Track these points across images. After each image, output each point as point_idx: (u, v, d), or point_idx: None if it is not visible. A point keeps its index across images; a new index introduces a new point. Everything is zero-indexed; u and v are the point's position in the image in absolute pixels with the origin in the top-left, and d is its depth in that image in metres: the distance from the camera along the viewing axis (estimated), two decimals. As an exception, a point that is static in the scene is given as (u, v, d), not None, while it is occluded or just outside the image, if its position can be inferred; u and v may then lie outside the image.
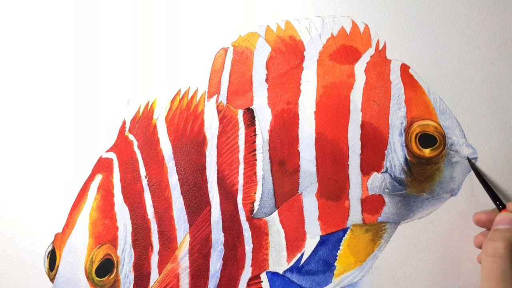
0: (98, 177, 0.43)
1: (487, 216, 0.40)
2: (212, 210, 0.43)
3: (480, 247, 0.40)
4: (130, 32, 0.45)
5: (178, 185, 0.43)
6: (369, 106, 0.43)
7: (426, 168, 0.43)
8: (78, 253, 0.42)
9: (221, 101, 0.44)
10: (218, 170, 0.43)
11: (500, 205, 0.39)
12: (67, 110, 0.44)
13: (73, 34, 0.45)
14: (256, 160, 0.43)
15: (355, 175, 0.43)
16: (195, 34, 0.44)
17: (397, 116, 0.43)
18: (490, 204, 0.41)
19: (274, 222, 0.43)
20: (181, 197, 0.43)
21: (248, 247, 0.43)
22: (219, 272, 0.42)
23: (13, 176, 0.44)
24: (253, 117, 0.43)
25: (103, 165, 0.43)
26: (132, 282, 0.42)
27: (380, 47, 0.44)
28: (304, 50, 0.44)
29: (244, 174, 0.43)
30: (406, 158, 0.43)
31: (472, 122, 0.44)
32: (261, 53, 0.44)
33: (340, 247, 0.43)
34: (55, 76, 0.44)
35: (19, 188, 0.43)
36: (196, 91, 0.44)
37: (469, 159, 0.42)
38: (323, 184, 0.43)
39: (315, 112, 0.43)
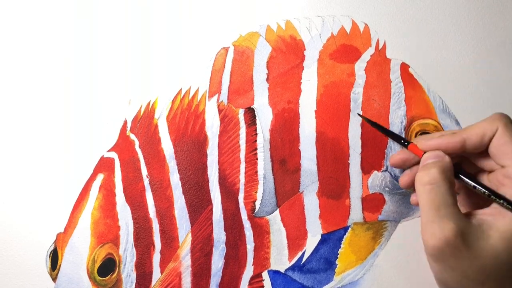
0: (100, 177, 0.43)
1: (402, 156, 0.39)
2: (213, 209, 0.43)
3: (406, 187, 0.40)
4: (130, 32, 0.45)
5: (180, 184, 0.43)
6: (370, 105, 0.43)
7: (426, 166, 0.43)
8: (80, 253, 0.42)
9: (222, 101, 0.44)
10: (219, 169, 0.43)
11: (405, 142, 0.39)
12: (68, 110, 0.44)
13: (74, 34, 0.45)
14: (257, 159, 0.43)
15: (356, 173, 0.43)
16: (195, 34, 0.45)
17: (397, 115, 0.43)
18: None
19: (275, 221, 0.43)
20: (183, 196, 0.43)
21: (250, 245, 0.43)
22: (221, 270, 0.42)
23: (14, 175, 0.44)
24: (254, 117, 0.43)
25: (104, 165, 0.43)
26: (134, 281, 0.42)
27: (380, 46, 0.44)
28: (305, 49, 0.44)
29: (245, 173, 0.43)
30: (406, 157, 0.43)
31: (472, 121, 0.44)
32: (262, 53, 0.44)
33: (341, 245, 0.43)
34: (56, 76, 0.44)
35: (20, 188, 0.43)
36: (197, 91, 0.44)
37: (359, 115, 0.43)
38: (324, 183, 0.43)
39: (315, 111, 0.43)
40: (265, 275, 0.43)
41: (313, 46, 0.44)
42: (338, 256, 0.43)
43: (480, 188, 0.35)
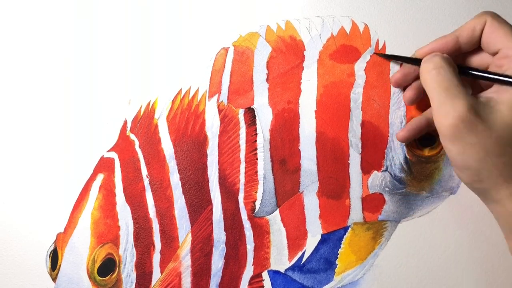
0: (100, 177, 0.43)
1: (402, 71, 0.41)
2: (213, 209, 0.43)
3: (411, 100, 0.41)
4: (130, 32, 0.45)
5: (180, 185, 0.43)
6: (369, 105, 0.43)
7: (426, 166, 0.43)
8: (80, 253, 0.42)
9: (222, 101, 0.44)
10: (219, 169, 0.43)
11: (414, 60, 0.39)
12: (68, 110, 0.44)
13: (74, 34, 0.45)
14: (257, 159, 0.43)
15: (356, 173, 0.43)
16: (196, 34, 0.45)
17: (397, 115, 0.43)
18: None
19: (275, 221, 0.43)
20: (183, 196, 0.43)
21: (250, 246, 0.43)
22: (221, 271, 0.42)
23: (14, 175, 0.44)
24: (254, 117, 0.43)
25: (104, 165, 0.43)
26: (134, 281, 0.42)
27: (380, 46, 0.44)
28: (305, 49, 0.44)
29: (245, 173, 0.43)
30: (405, 157, 0.43)
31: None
32: (262, 53, 0.44)
33: (341, 246, 0.43)
34: (56, 76, 0.44)
35: (20, 188, 0.43)
36: (197, 91, 0.44)
37: (377, 53, 0.43)
38: (324, 183, 0.43)
39: (315, 111, 0.43)
40: (265, 275, 0.43)
41: (313, 47, 0.44)
42: (338, 256, 0.43)
43: (483, 74, 0.36)
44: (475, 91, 0.38)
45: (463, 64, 0.39)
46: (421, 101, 0.41)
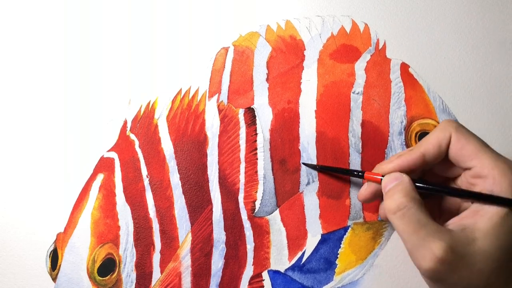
0: (100, 177, 0.43)
1: (369, 189, 0.38)
2: (213, 209, 0.43)
3: (364, 201, 0.40)
4: (130, 32, 0.45)
5: (180, 184, 0.43)
6: (370, 105, 0.43)
7: (426, 166, 0.43)
8: (80, 253, 0.42)
9: (222, 101, 0.44)
10: (219, 169, 0.43)
11: (359, 173, 0.38)
12: (68, 110, 0.44)
13: (74, 34, 0.45)
14: (257, 159, 0.43)
15: (356, 173, 0.43)
16: (195, 34, 0.45)
17: (397, 115, 0.43)
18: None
19: (275, 221, 0.43)
20: (183, 196, 0.43)
21: (250, 245, 0.43)
22: (221, 270, 0.42)
23: (14, 175, 0.44)
24: (254, 116, 0.43)
25: (104, 165, 0.43)
26: (134, 281, 0.42)
27: (380, 46, 0.44)
28: (305, 49, 0.44)
29: (245, 173, 0.43)
30: (406, 157, 0.43)
31: (471, 120, 0.44)
32: (262, 53, 0.44)
33: (341, 245, 0.43)
34: (56, 76, 0.44)
35: (20, 188, 0.43)
36: (197, 91, 0.44)
37: (305, 165, 0.42)
38: (324, 183, 0.43)
39: (315, 111, 0.43)
40: (265, 275, 0.43)
41: (313, 46, 0.44)
42: (338, 256, 0.43)
43: (458, 193, 0.35)
44: (446, 210, 0.37)
45: (430, 171, 0.37)
46: None
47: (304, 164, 0.42)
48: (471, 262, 0.30)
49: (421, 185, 0.35)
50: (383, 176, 0.36)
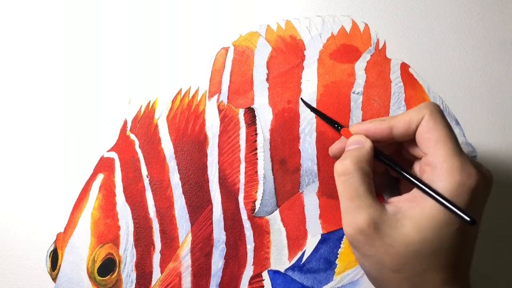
0: (100, 177, 0.43)
1: (340, 145, 0.39)
2: (213, 209, 0.43)
3: (333, 155, 0.40)
4: (130, 32, 0.45)
5: (180, 184, 0.43)
6: (370, 105, 0.43)
7: (426, 166, 0.43)
8: (80, 253, 0.42)
9: (222, 101, 0.44)
10: (219, 169, 0.43)
11: (339, 127, 0.38)
12: (68, 110, 0.44)
13: (74, 34, 0.45)
14: (257, 159, 0.43)
15: (356, 173, 0.43)
16: (195, 34, 0.45)
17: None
18: (491, 202, 0.41)
19: (275, 221, 0.43)
20: (183, 196, 0.43)
21: (250, 245, 0.43)
22: (221, 270, 0.42)
23: (14, 176, 0.44)
24: (254, 116, 0.43)
25: (104, 165, 0.43)
26: (134, 281, 0.42)
27: (380, 46, 0.44)
28: (305, 49, 0.44)
29: (245, 173, 0.43)
30: (406, 157, 0.43)
31: (471, 120, 0.44)
32: (262, 53, 0.44)
33: (341, 245, 0.43)
34: (56, 76, 0.44)
35: (20, 188, 0.43)
36: (197, 91, 0.44)
37: (303, 101, 0.42)
38: (324, 183, 0.43)
39: (315, 111, 0.43)
40: (265, 275, 0.43)
41: (313, 46, 0.44)
42: (338, 256, 0.43)
43: (399, 170, 0.35)
44: (401, 185, 0.38)
45: (397, 149, 0.38)
46: None
47: (302, 100, 0.42)
48: (389, 243, 0.31)
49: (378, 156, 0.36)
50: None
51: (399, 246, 0.31)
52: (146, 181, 0.43)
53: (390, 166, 0.35)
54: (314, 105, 0.43)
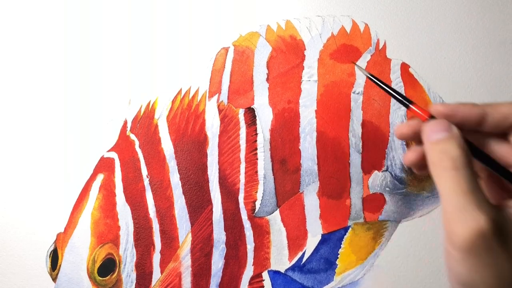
0: (100, 177, 0.43)
1: (410, 127, 0.32)
2: (213, 209, 0.43)
3: (412, 165, 0.33)
4: (130, 32, 0.45)
5: (180, 185, 0.43)
6: (370, 105, 0.43)
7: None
8: (80, 253, 0.42)
9: (222, 101, 0.44)
10: (219, 169, 0.43)
11: (407, 101, 0.32)
12: (68, 110, 0.44)
13: (74, 34, 0.45)
14: (257, 159, 0.43)
15: (356, 173, 0.43)
16: (196, 34, 0.45)
17: (397, 115, 0.43)
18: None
19: (275, 221, 0.43)
20: (183, 196, 0.43)
21: (250, 246, 0.43)
22: (221, 271, 0.42)
23: (14, 176, 0.44)
24: (254, 116, 0.43)
25: (104, 165, 0.43)
26: (134, 281, 0.42)
27: (380, 46, 0.44)
28: (305, 49, 0.44)
29: (245, 173, 0.43)
30: (406, 157, 0.43)
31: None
32: (262, 53, 0.44)
33: (342, 246, 0.43)
34: (56, 76, 0.44)
35: (20, 188, 0.43)
36: (197, 91, 0.44)
37: (357, 66, 0.39)
38: (324, 183, 0.43)
39: (316, 111, 0.43)
40: (265, 275, 0.43)
41: (313, 46, 0.44)
42: (339, 256, 0.43)
43: (502, 169, 0.29)
44: (495, 193, 0.32)
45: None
46: None
47: (356, 65, 0.40)
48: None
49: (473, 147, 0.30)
50: (430, 117, 0.31)
51: None
52: (146, 181, 0.43)
53: (489, 163, 0.30)
54: (314, 105, 0.43)
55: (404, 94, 0.43)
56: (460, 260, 0.27)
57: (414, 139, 0.33)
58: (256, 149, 0.43)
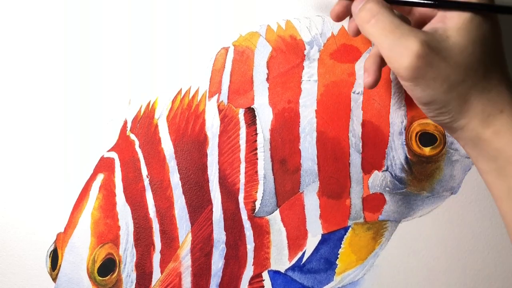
0: (100, 177, 0.43)
1: (342, 6, 0.38)
2: (213, 209, 0.43)
3: (355, 33, 0.38)
4: (130, 32, 0.45)
5: (180, 185, 0.43)
6: (370, 105, 0.43)
7: (426, 166, 0.43)
8: (80, 253, 0.42)
9: (222, 101, 0.44)
10: (219, 169, 0.43)
11: None
12: (68, 110, 0.44)
13: (74, 34, 0.45)
14: (257, 159, 0.43)
15: (356, 173, 0.43)
16: (195, 34, 0.44)
17: (397, 115, 0.43)
18: (492, 202, 0.41)
19: (275, 221, 0.43)
20: (183, 196, 0.43)
21: (250, 246, 0.43)
22: (221, 271, 0.42)
23: (14, 176, 0.44)
24: (254, 116, 0.43)
25: (104, 165, 0.43)
26: (134, 281, 0.42)
27: (381, 46, 0.44)
28: (305, 49, 0.44)
29: (245, 173, 0.43)
30: (406, 157, 0.43)
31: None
32: (262, 53, 0.44)
33: (342, 246, 0.43)
34: (56, 76, 0.44)
35: (20, 188, 0.43)
36: (197, 91, 0.44)
37: None
38: (324, 183, 0.43)
39: (316, 110, 0.43)
40: (265, 275, 0.43)
41: (314, 46, 0.44)
42: (339, 256, 0.43)
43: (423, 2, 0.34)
44: (415, 25, 0.36)
45: None
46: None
47: None
48: (447, 56, 0.31)
49: None
50: None
51: (456, 55, 0.31)
52: (146, 181, 0.43)
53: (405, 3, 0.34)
54: (314, 105, 0.43)
55: (405, 95, 0.43)
56: (413, 86, 0.32)
57: (347, 15, 0.39)
58: (256, 149, 0.43)
